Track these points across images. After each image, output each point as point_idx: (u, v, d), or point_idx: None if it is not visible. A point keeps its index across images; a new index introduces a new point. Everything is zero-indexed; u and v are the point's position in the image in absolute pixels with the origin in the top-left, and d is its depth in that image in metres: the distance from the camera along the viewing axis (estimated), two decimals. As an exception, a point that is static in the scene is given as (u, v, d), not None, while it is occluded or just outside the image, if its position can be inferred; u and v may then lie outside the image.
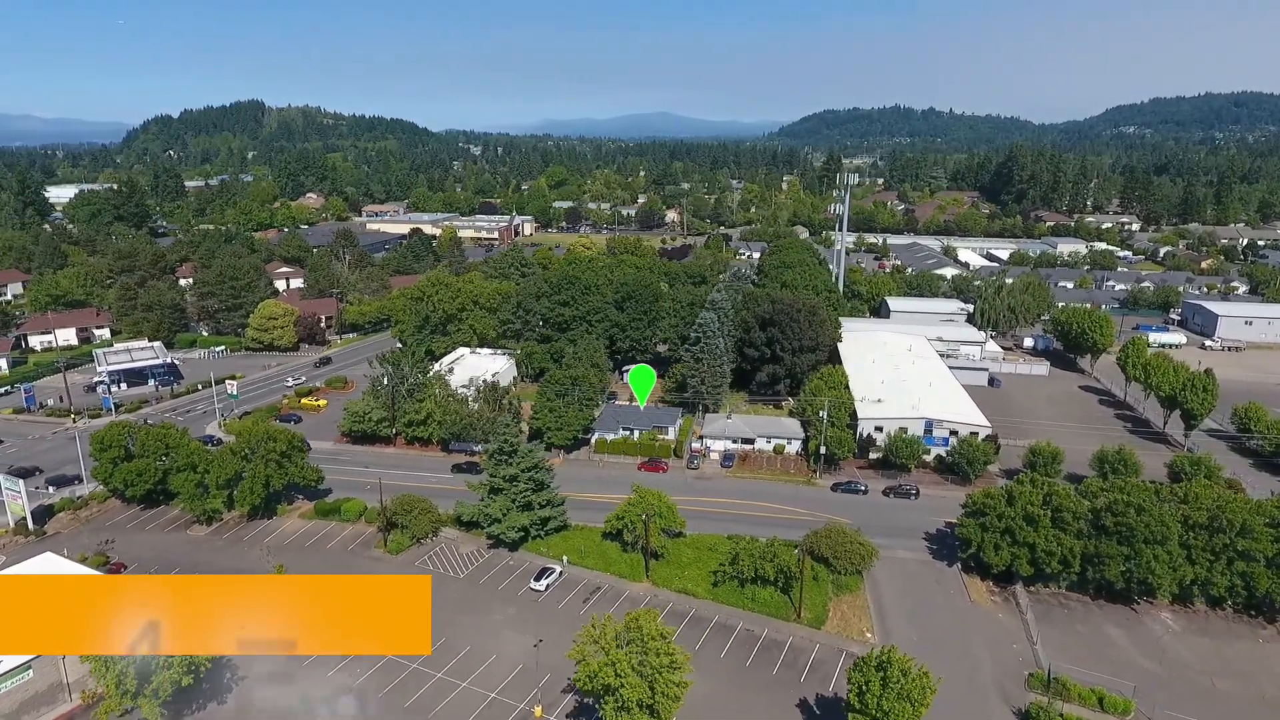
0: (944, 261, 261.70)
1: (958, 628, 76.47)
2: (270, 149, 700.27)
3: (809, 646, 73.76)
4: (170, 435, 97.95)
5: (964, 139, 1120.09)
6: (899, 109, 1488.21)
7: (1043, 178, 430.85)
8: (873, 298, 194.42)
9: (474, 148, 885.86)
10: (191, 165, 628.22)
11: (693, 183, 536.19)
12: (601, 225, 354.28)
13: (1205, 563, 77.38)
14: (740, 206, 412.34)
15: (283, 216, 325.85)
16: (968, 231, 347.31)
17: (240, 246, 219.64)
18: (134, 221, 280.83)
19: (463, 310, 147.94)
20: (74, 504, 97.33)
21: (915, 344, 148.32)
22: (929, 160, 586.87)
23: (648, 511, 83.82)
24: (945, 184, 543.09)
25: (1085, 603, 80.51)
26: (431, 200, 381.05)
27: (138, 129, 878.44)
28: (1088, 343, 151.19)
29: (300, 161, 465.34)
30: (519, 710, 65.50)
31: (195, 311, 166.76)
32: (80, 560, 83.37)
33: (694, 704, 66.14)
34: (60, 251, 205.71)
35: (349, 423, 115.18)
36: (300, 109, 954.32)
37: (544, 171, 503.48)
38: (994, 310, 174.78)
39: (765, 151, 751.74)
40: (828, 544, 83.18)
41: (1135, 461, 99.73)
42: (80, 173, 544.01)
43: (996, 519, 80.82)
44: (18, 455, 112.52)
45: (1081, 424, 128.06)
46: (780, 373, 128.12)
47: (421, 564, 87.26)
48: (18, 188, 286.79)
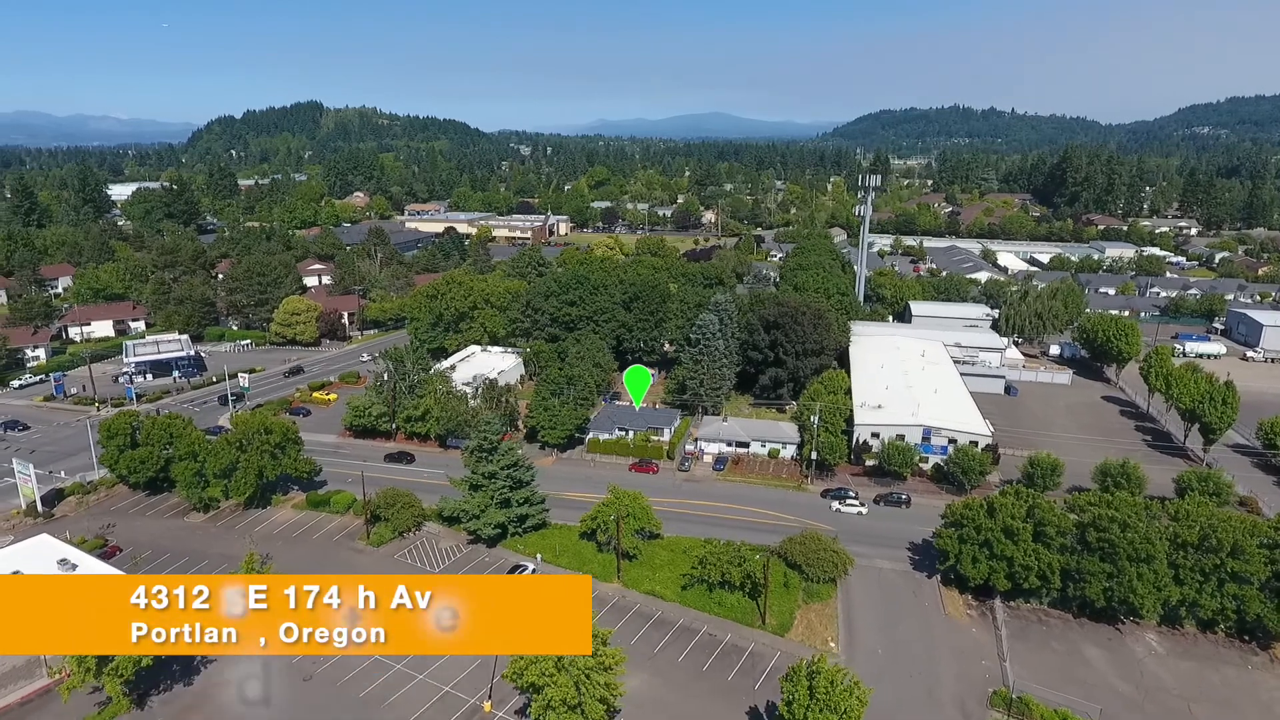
0: (980, 265, 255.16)
1: (926, 641, 74.70)
2: (326, 149, 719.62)
3: (769, 653, 72.89)
4: (174, 425, 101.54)
5: (1025, 140, 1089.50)
6: (958, 109, 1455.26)
7: (1097, 180, 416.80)
8: (896, 301, 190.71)
9: (523, 148, 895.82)
10: (250, 165, 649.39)
11: (735, 183, 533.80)
12: (637, 225, 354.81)
13: (1195, 583, 74.14)
14: (780, 208, 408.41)
15: (327, 214, 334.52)
16: (1012, 235, 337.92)
17: (275, 243, 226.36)
18: (183, 218, 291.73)
19: (474, 308, 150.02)
20: (84, 488, 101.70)
21: (929, 349, 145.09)
22: (979, 161, 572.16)
23: (619, 512, 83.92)
24: (996, 186, 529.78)
25: (1066, 620, 77.79)
26: (471, 199, 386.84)
27: (202, 129, 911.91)
28: (1113, 351, 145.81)
29: (349, 161, 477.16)
30: (469, 704, 66.30)
31: (224, 306, 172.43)
32: (79, 543, 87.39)
33: (644, 705, 66.30)
34: (108, 246, 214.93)
35: (350, 417, 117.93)
36: (357, 110, 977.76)
37: (586, 172, 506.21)
38: (1019, 316, 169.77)
39: (814, 152, 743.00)
40: (801, 551, 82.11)
41: (1139, 476, 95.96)
42: (146, 171, 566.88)
43: (974, 531, 78.71)
44: (41, 440, 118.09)
45: (1097, 435, 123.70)
46: (783, 376, 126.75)
47: (401, 557, 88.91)
48: (79, 185, 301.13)
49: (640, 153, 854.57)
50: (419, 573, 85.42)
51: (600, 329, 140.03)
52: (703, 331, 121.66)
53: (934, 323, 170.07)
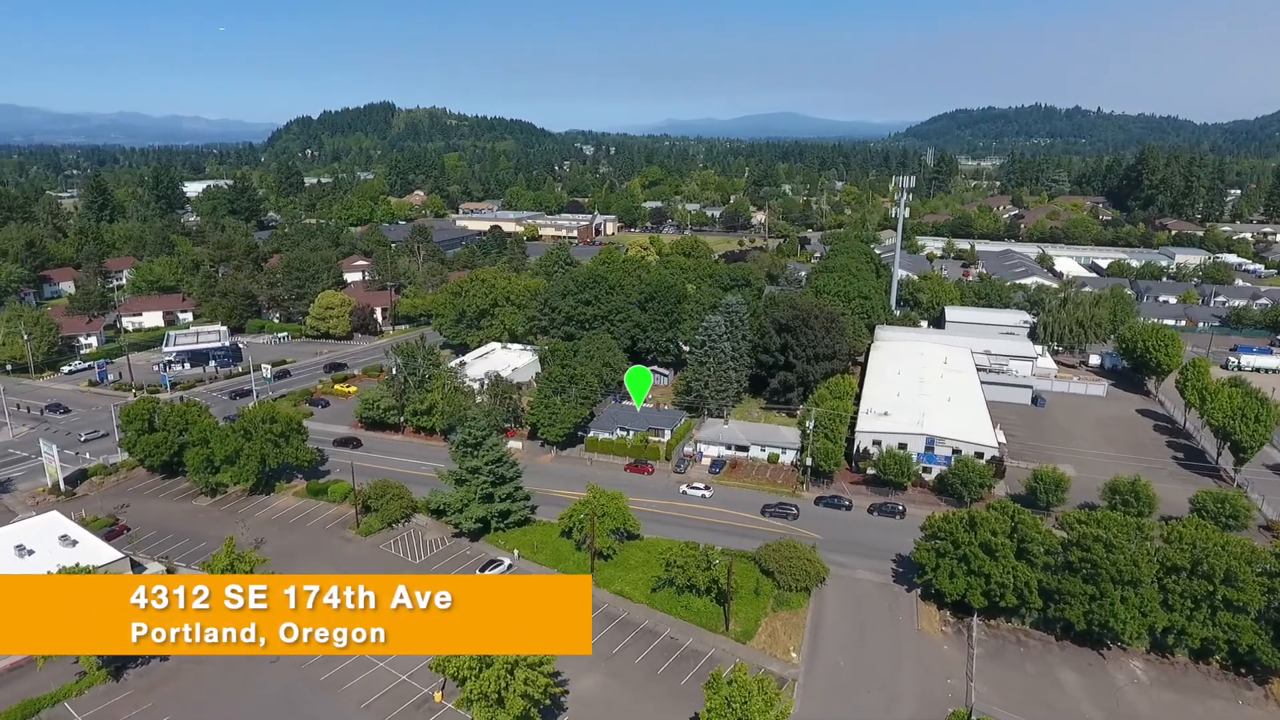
0: (1033, 270, 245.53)
1: (893, 656, 72.60)
2: (395, 148, 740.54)
3: (728, 660, 71.80)
4: (190, 412, 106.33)
5: (1111, 140, 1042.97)
6: (1039, 108, 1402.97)
7: (1174, 182, 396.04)
8: (932, 306, 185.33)
9: (587, 148, 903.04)
10: (322, 164, 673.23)
11: (794, 184, 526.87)
12: (685, 226, 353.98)
13: (1185, 610, 70.05)
14: (834, 209, 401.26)
15: (383, 212, 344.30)
16: (1076, 239, 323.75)
17: (323, 239, 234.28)
18: (245, 215, 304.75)
19: (495, 306, 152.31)
20: (106, 470, 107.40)
21: (954, 356, 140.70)
22: (1050, 162, 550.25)
23: (594, 511, 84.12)
24: (1068, 188, 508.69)
25: (1047, 642, 74.48)
26: (523, 199, 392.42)
27: (281, 129, 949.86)
28: (1152, 362, 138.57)
29: (411, 160, 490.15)
30: (422, 694, 67.54)
31: (265, 300, 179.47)
32: (89, 521, 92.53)
33: (591, 704, 66.54)
34: (169, 241, 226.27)
35: (361, 409, 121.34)
36: (427, 110, 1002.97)
37: (635, 171, 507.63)
38: (1058, 324, 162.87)
39: (879, 153, 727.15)
40: (775, 558, 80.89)
41: (1150, 495, 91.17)
42: (225, 170, 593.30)
43: (952, 545, 76.12)
44: (78, 423, 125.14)
45: (1123, 451, 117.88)
46: (792, 380, 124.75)
47: (385, 547, 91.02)
48: (153, 183, 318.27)
49: (704, 153, 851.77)
50: (398, 563, 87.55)
51: (615, 329, 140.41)
52: (709, 333, 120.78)
53: (968, 329, 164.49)
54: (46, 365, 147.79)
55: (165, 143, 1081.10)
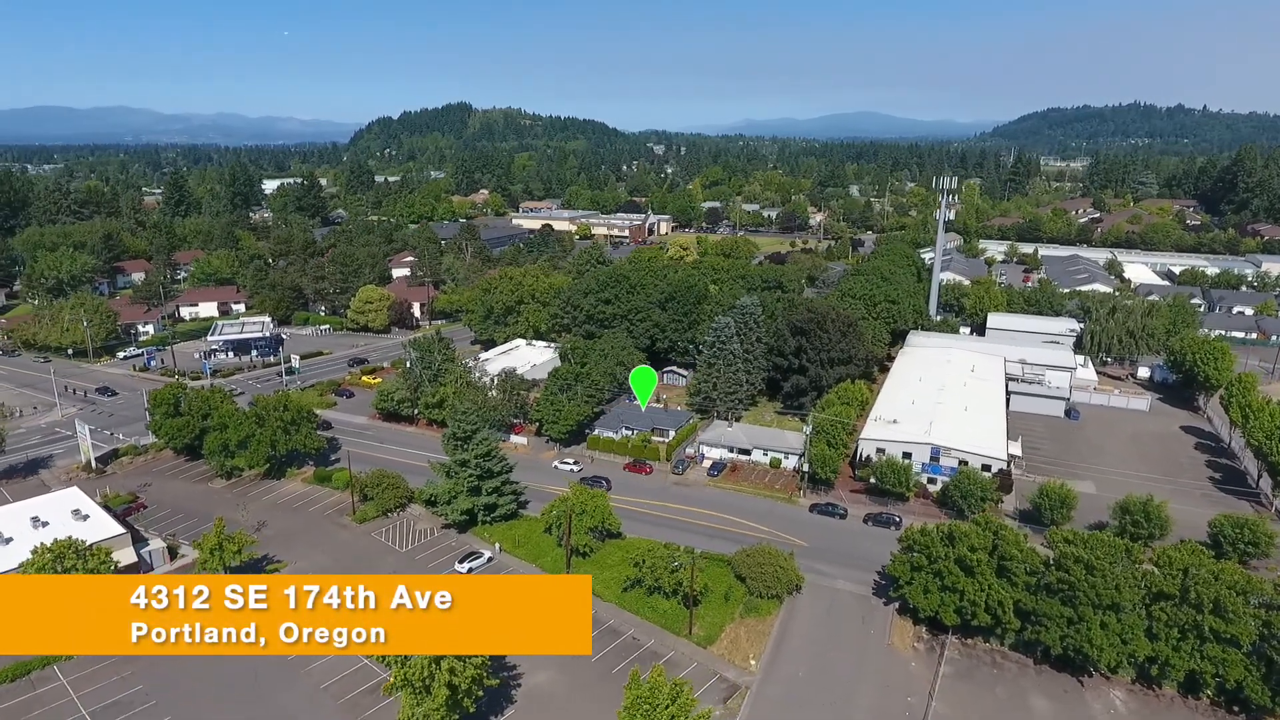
0: (1097, 276, 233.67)
1: (856, 670, 70.57)
2: (468, 148, 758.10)
3: (685, 663, 71.34)
4: (214, 398, 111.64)
5: (1217, 141, 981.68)
6: (1138, 106, 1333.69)
7: (1273, 185, 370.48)
8: (975, 313, 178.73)
9: (658, 148, 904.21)
10: (398, 163, 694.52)
11: (862, 184, 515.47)
12: (740, 226, 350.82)
13: (1172, 640, 65.81)
14: (898, 210, 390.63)
15: (444, 210, 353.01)
16: (1154, 245, 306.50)
17: (376, 236, 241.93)
18: (311, 211, 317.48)
19: (520, 303, 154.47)
20: (136, 450, 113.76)
21: (984, 364, 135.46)
22: (1138, 164, 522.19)
23: (574, 509, 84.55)
24: (1155, 191, 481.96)
25: (1024, 665, 71.11)
26: (581, 198, 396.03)
27: (363, 129, 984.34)
28: (1199, 376, 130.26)
29: (478, 159, 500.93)
30: (382, 678, 69.13)
31: (311, 293, 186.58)
32: (110, 498, 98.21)
33: (538, 699, 67.11)
34: (233, 235, 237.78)
35: (377, 400, 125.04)
36: (502, 111, 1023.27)
37: (701, 171, 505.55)
38: (1106, 333, 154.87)
39: (956, 153, 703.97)
40: (748, 564, 79.76)
41: (1163, 517, 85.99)
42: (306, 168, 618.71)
43: (927, 559, 73.48)
44: (122, 405, 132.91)
45: (1155, 470, 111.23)
46: (804, 384, 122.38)
47: (377, 534, 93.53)
48: (229, 180, 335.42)
49: (776, 153, 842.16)
50: (385, 550, 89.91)
51: (635, 328, 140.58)
52: (718, 334, 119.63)
53: (1009, 337, 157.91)
54: (104, 350, 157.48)
55: (259, 142, 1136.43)
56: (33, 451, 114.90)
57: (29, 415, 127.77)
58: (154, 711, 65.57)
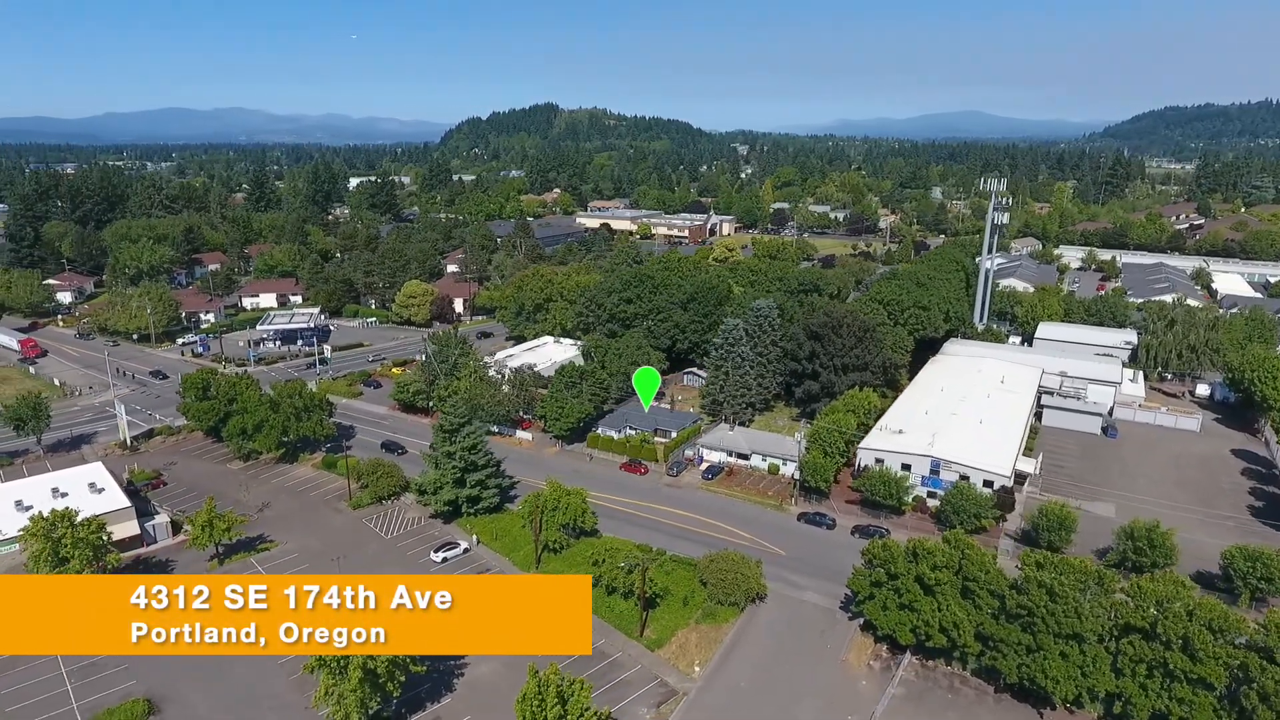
0: (1178, 286, 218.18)
1: (803, 685, 68.55)
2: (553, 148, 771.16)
3: (630, 665, 71.01)
4: (240, 384, 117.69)
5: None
6: (1269, 104, 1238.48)
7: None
8: (1028, 320, 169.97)
9: (741, 148, 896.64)
10: (483, 163, 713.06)
11: (946, 186, 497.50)
12: (806, 228, 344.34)
13: (1139, 677, 61.20)
14: (976, 213, 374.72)
15: (512, 209, 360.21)
16: (1256, 254, 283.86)
17: (436, 233, 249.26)
18: (384, 209, 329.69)
19: (549, 301, 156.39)
20: (170, 430, 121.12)
21: (1016, 376, 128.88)
22: (1254, 166, 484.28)
23: (548, 505, 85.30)
24: (1272, 194, 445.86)
25: (983, 693, 67.49)
26: (649, 197, 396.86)
27: (453, 129, 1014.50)
28: (1257, 395, 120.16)
29: (554, 158, 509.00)
30: (334, 659, 71.65)
31: (361, 287, 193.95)
32: (135, 474, 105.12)
33: (478, 689, 68.21)
34: (303, 230, 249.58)
35: (396, 392, 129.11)
36: (588, 111, 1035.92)
37: (773, 172, 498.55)
38: (1163, 347, 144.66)
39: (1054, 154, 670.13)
40: (711, 569, 78.65)
41: (1170, 545, 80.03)
42: (396, 166, 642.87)
43: (887, 575, 70.69)
44: (169, 388, 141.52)
45: (1191, 494, 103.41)
46: (816, 389, 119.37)
47: (368, 521, 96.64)
48: (311, 178, 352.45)
49: (864, 154, 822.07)
50: (370, 535, 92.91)
51: (655, 328, 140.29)
52: (727, 337, 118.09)
53: (1057, 348, 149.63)
54: (165, 336, 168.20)
55: (361, 141, 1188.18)
56: (82, 428, 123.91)
57: (86, 395, 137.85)
58: (103, 663, 67.46)
